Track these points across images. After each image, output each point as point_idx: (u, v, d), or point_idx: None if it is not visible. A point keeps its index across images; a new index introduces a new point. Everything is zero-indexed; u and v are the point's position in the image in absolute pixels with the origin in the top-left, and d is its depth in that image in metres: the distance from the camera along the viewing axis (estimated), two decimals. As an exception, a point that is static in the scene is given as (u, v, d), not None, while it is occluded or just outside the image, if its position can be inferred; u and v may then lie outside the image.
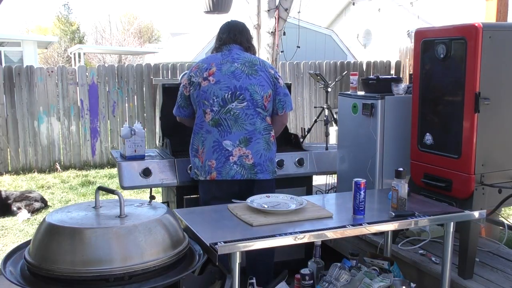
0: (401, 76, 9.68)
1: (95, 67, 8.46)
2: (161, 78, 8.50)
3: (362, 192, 2.41)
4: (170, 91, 3.80)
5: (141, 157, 3.50)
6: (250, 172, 3.10)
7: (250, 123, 3.09)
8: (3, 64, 13.29)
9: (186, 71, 4.52)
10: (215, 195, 3.14)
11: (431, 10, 14.82)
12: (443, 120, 2.94)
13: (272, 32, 5.65)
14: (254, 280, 2.58)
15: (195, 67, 3.22)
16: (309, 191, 3.86)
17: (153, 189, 3.73)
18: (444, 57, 2.83)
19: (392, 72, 10.13)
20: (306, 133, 4.43)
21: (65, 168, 8.13)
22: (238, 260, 2.09)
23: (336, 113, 4.34)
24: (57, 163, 8.11)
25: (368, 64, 10.07)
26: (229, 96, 3.08)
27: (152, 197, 3.39)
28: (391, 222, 2.39)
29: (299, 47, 6.09)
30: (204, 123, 3.13)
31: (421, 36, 3.01)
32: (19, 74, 7.85)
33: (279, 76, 3.24)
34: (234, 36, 3.23)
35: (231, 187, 3.14)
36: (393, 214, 2.41)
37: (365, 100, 3.43)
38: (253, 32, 5.68)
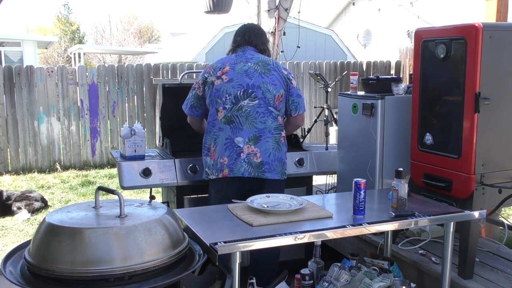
0: (401, 76, 9.68)
1: (95, 67, 8.46)
2: (161, 78, 8.51)
3: (362, 192, 2.41)
4: (170, 91, 3.80)
5: (141, 157, 3.50)
6: (258, 171, 3.10)
7: (261, 121, 3.10)
8: (3, 64, 13.29)
9: (186, 71, 4.53)
10: (225, 194, 3.13)
11: (431, 10, 14.82)
12: (443, 120, 2.94)
13: (272, 32, 5.64)
14: (254, 280, 2.58)
15: (209, 68, 3.25)
16: (309, 191, 3.86)
17: (153, 189, 3.74)
18: (444, 57, 2.83)
19: (392, 72, 10.13)
20: (306, 133, 4.43)
21: (65, 168, 8.13)
22: (238, 260, 2.09)
23: (336, 113, 4.34)
24: (57, 163, 8.11)
25: (368, 64, 10.07)
26: (241, 93, 3.10)
27: (152, 197, 3.39)
28: (391, 222, 2.39)
29: (299, 47, 6.09)
30: (217, 121, 3.14)
31: (421, 36, 3.01)
32: (19, 74, 7.85)
33: (292, 77, 3.25)
34: (249, 38, 3.26)
35: (241, 186, 3.14)
36: (393, 214, 2.41)
37: (365, 100, 3.43)
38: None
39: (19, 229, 5.26)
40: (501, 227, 3.49)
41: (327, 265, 2.83)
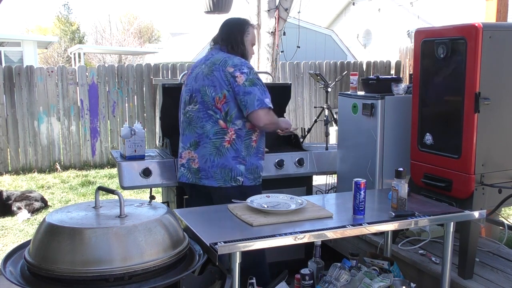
0: (401, 76, 9.68)
1: (95, 67, 8.47)
2: (161, 78, 8.51)
3: (362, 192, 2.41)
4: (170, 91, 3.80)
5: (141, 157, 3.50)
6: (195, 177, 3.04)
7: (200, 126, 3.01)
8: (3, 64, 13.29)
9: (186, 71, 4.53)
10: (189, 197, 3.21)
11: (431, 10, 14.82)
12: (443, 120, 2.94)
13: (272, 32, 5.65)
14: (254, 280, 2.58)
15: None
16: (309, 191, 3.86)
17: (153, 189, 3.73)
18: (444, 57, 2.83)
19: (392, 72, 10.14)
20: (306, 133, 4.43)
21: (65, 168, 8.13)
22: (238, 260, 2.09)
23: (336, 113, 4.34)
24: (57, 163, 8.11)
25: (368, 64, 10.07)
26: (188, 98, 3.09)
27: (152, 197, 3.38)
28: (391, 222, 2.39)
29: (299, 47, 6.10)
30: (180, 126, 3.20)
31: (421, 36, 3.01)
32: (19, 74, 7.85)
33: (241, 73, 2.92)
34: (215, 38, 3.15)
35: (191, 191, 3.16)
36: (393, 214, 2.41)
37: (365, 100, 3.42)
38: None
39: (19, 229, 5.26)
40: (501, 227, 3.49)
41: (327, 265, 2.83)
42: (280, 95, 4.13)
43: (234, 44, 3.07)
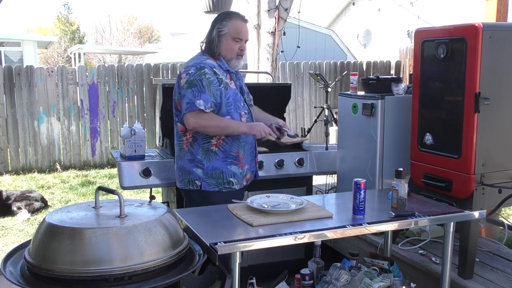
0: (401, 76, 9.69)
1: (95, 67, 8.47)
2: (161, 78, 8.51)
3: (362, 192, 2.41)
4: (170, 91, 3.77)
5: (141, 157, 3.50)
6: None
7: (173, 129, 3.02)
8: (3, 64, 13.29)
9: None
10: None
11: (431, 10, 14.83)
12: (443, 120, 2.94)
13: (272, 32, 5.65)
14: (254, 280, 2.58)
15: None
16: (309, 191, 3.86)
17: (153, 189, 3.74)
18: (444, 57, 2.83)
19: (392, 72, 10.14)
20: (306, 133, 4.43)
21: (65, 168, 8.13)
22: (238, 260, 2.09)
23: (336, 113, 4.34)
24: (57, 163, 8.11)
25: (368, 64, 10.07)
26: None
27: (152, 197, 3.38)
28: (391, 222, 2.39)
29: (299, 47, 6.10)
30: None
31: (421, 36, 3.01)
32: (19, 74, 7.85)
33: (186, 74, 2.79)
34: None
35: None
36: (393, 214, 2.41)
37: (365, 100, 3.42)
38: (252, 32, 5.69)
39: (19, 229, 5.26)
40: (501, 227, 3.49)
41: (327, 265, 2.83)
42: (280, 95, 4.14)
43: (206, 42, 2.96)
